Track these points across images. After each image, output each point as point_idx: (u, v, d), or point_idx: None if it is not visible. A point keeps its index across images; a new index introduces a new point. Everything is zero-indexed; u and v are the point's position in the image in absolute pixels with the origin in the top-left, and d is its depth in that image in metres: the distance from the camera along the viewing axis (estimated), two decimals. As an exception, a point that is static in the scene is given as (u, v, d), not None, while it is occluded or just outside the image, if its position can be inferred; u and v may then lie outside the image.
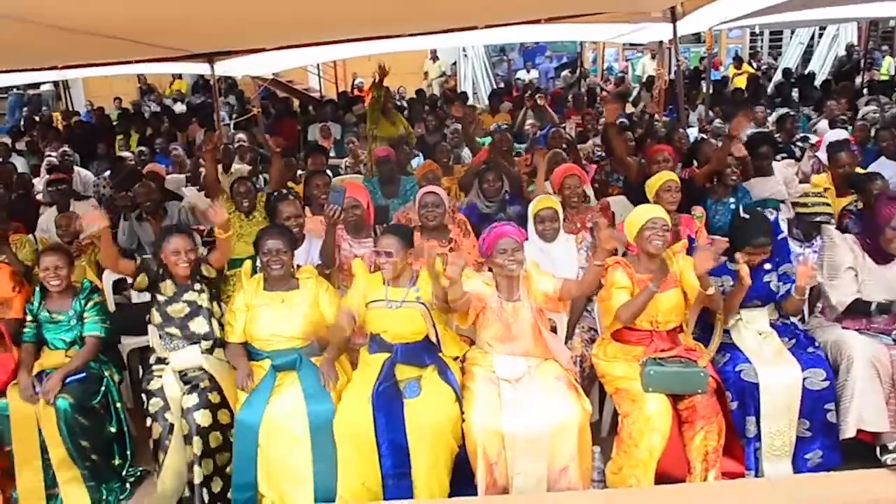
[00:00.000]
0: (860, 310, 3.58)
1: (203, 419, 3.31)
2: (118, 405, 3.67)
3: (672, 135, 6.44)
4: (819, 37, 15.00)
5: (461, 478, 3.23)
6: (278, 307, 3.53)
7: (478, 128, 8.30)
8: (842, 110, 8.53)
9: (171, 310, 3.61)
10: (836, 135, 6.44)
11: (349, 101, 11.69)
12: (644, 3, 6.12)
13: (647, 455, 3.22)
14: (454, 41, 10.45)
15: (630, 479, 3.27)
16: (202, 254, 3.83)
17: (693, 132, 7.78)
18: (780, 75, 13.69)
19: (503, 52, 17.86)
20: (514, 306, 3.41)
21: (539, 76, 16.51)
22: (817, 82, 12.24)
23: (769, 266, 3.62)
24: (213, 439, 3.34)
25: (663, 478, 3.23)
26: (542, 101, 8.65)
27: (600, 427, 3.80)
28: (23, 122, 12.62)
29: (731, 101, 10.03)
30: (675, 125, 7.05)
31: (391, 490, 3.17)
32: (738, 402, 3.39)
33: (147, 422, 3.42)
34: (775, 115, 8.31)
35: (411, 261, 3.56)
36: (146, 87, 15.62)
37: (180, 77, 15.76)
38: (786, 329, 3.63)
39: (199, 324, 3.62)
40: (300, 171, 6.68)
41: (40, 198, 6.76)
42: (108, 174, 7.35)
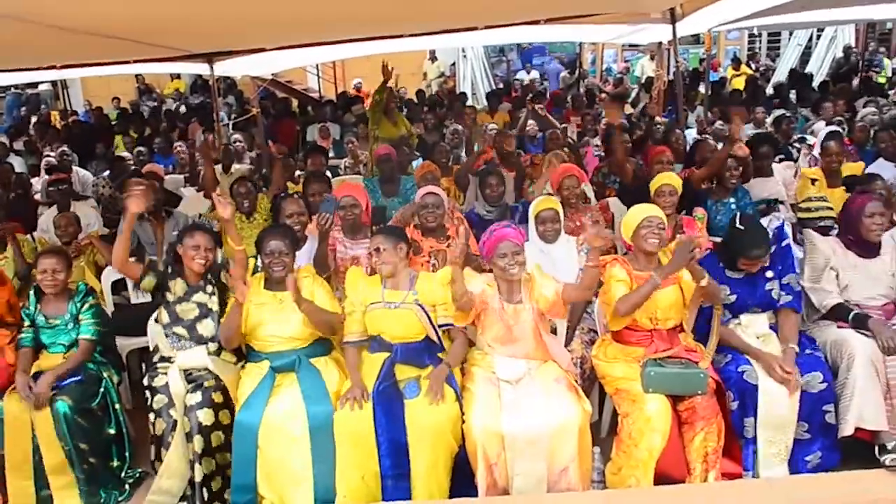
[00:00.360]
0: (841, 315, 3.59)
1: (205, 417, 3.31)
2: (117, 406, 3.66)
3: (669, 136, 6.46)
4: (817, 38, 15.03)
5: (461, 478, 3.23)
6: (277, 307, 3.52)
7: (476, 130, 8.31)
8: (839, 112, 8.56)
9: (181, 309, 3.60)
10: (822, 127, 6.53)
11: (348, 101, 11.69)
12: (644, 5, 6.13)
13: (646, 455, 3.22)
14: (453, 42, 10.45)
15: (629, 480, 3.27)
16: (222, 260, 3.79)
17: (692, 133, 7.81)
18: (784, 76, 13.69)
19: (502, 52, 17.87)
20: (516, 308, 3.41)
21: (547, 76, 16.44)
22: (815, 84, 12.25)
23: (771, 274, 3.61)
24: (214, 438, 3.34)
25: (663, 478, 3.23)
26: (542, 110, 8.64)
27: (600, 428, 3.80)
28: (20, 121, 12.62)
29: (730, 102, 10.05)
30: (671, 126, 7.07)
31: (390, 491, 3.17)
32: (738, 402, 3.39)
33: (150, 418, 3.41)
34: (772, 116, 8.32)
35: (408, 262, 3.57)
36: (144, 87, 15.60)
37: (179, 77, 15.74)
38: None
39: (208, 326, 3.60)
40: (299, 172, 6.68)
41: (38, 198, 6.76)
42: (106, 174, 7.33)
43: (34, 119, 12.94)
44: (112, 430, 3.62)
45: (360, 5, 4.56)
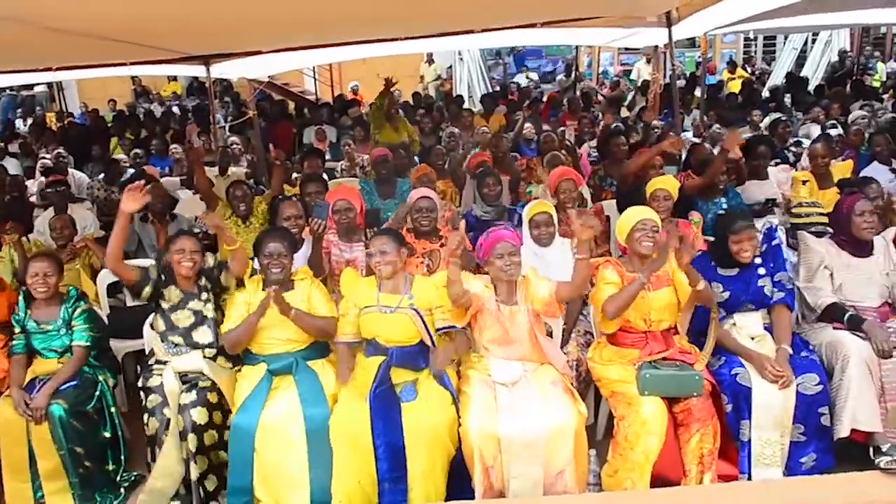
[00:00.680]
0: (836, 316, 3.60)
1: (199, 416, 3.31)
2: (112, 409, 3.65)
3: (663, 139, 6.47)
4: (812, 42, 15.09)
5: (458, 481, 3.23)
6: (274, 309, 3.51)
7: (470, 133, 8.32)
8: (834, 115, 8.59)
9: (176, 317, 3.59)
10: (816, 131, 6.58)
11: (345, 104, 11.68)
12: (640, 8, 6.13)
13: (642, 458, 3.23)
14: (450, 45, 10.43)
15: (626, 482, 3.28)
16: (217, 260, 3.77)
17: (688, 136, 7.83)
18: (780, 80, 13.72)
19: (499, 55, 17.89)
20: (512, 310, 3.42)
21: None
22: (811, 87, 12.30)
23: (763, 271, 3.64)
24: (208, 437, 3.34)
25: (659, 481, 3.24)
26: (530, 111, 8.64)
27: (596, 430, 3.80)
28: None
29: (726, 105, 10.08)
30: (665, 130, 7.09)
31: (387, 494, 3.16)
32: (732, 404, 3.40)
33: (144, 418, 3.40)
34: (767, 119, 8.35)
35: (405, 265, 3.56)
36: (141, 89, 15.56)
37: (175, 79, 15.72)
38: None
39: (204, 333, 3.59)
40: (295, 175, 6.67)
41: (34, 200, 6.74)
42: (101, 177, 7.29)
43: (30, 121, 12.91)
44: (107, 434, 3.61)
45: (357, 8, 4.56)
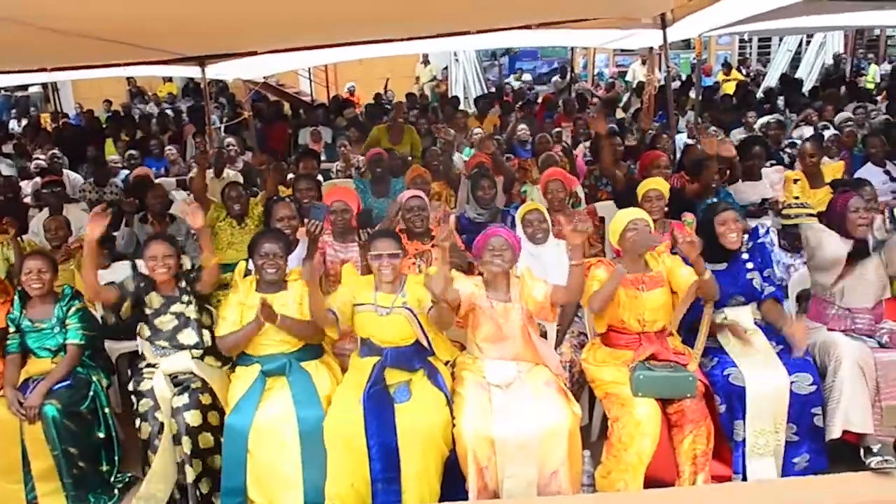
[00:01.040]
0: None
1: (193, 419, 3.31)
2: (106, 410, 3.64)
3: (656, 141, 6.50)
4: (807, 44, 15.13)
5: (452, 482, 3.24)
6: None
7: (466, 134, 8.32)
8: (828, 117, 8.61)
9: (159, 322, 3.59)
10: (810, 133, 6.63)
11: (340, 105, 11.67)
12: (634, 10, 6.15)
13: (636, 459, 3.24)
14: (445, 46, 10.44)
15: (619, 483, 3.29)
16: (194, 263, 3.76)
17: (683, 138, 7.85)
18: (775, 81, 13.77)
19: (494, 56, 17.92)
20: (505, 307, 3.44)
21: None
22: (805, 89, 12.33)
23: (751, 265, 3.67)
24: (202, 440, 3.34)
25: (652, 481, 3.25)
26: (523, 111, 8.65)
27: (590, 431, 3.81)
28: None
29: (721, 107, 10.11)
30: (658, 131, 7.11)
31: (380, 495, 3.17)
32: (726, 405, 3.41)
33: (136, 423, 3.40)
34: (761, 121, 8.38)
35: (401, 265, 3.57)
36: (136, 90, 15.52)
37: (171, 80, 15.69)
38: (772, 332, 3.65)
39: (188, 335, 3.59)
40: (290, 176, 6.65)
41: (28, 201, 6.71)
42: (91, 180, 7.16)
43: (24, 122, 12.87)
44: (101, 434, 3.60)
45: (353, 9, 4.56)
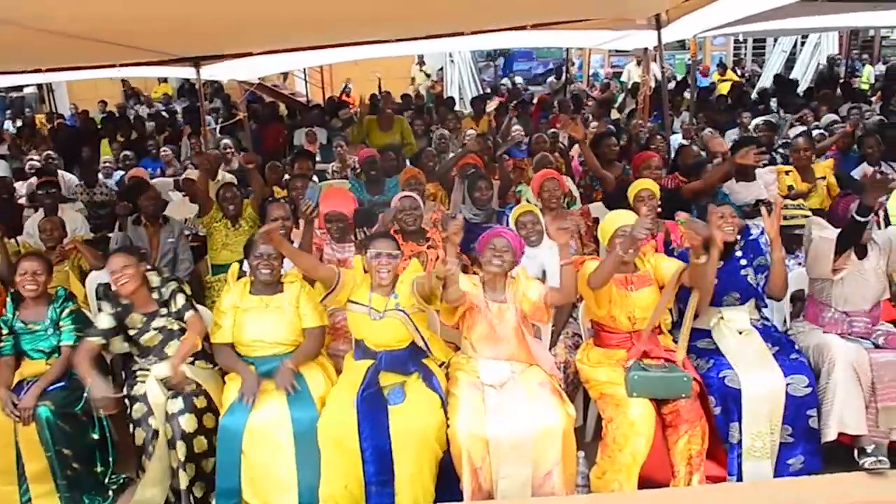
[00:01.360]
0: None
1: (188, 424, 3.30)
2: (101, 411, 3.62)
3: (651, 141, 6.51)
4: (801, 45, 15.19)
5: (446, 483, 3.23)
6: (263, 311, 3.52)
7: (460, 135, 8.32)
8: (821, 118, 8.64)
9: (144, 340, 3.55)
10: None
11: (336, 105, 11.66)
12: (629, 11, 6.16)
13: (630, 459, 3.24)
14: (441, 46, 10.44)
15: (613, 484, 3.29)
16: (167, 284, 3.65)
17: (677, 138, 7.86)
18: (770, 82, 13.81)
19: (490, 57, 17.93)
20: (500, 308, 3.44)
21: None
22: (800, 90, 12.37)
23: (745, 262, 3.70)
24: (197, 444, 3.33)
25: (647, 482, 3.25)
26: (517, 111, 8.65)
27: (584, 432, 3.82)
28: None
29: (716, 107, 10.13)
30: (653, 132, 7.12)
31: (374, 497, 3.16)
32: (721, 407, 3.42)
33: (130, 428, 3.39)
34: (755, 122, 8.40)
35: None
36: (130, 91, 15.48)
37: (166, 80, 15.66)
38: (768, 333, 3.67)
39: (175, 346, 3.54)
40: (286, 176, 6.64)
41: (23, 202, 6.69)
42: (82, 182, 7.11)
43: (19, 122, 12.84)
44: (96, 436, 3.59)
45: (348, 10, 4.56)
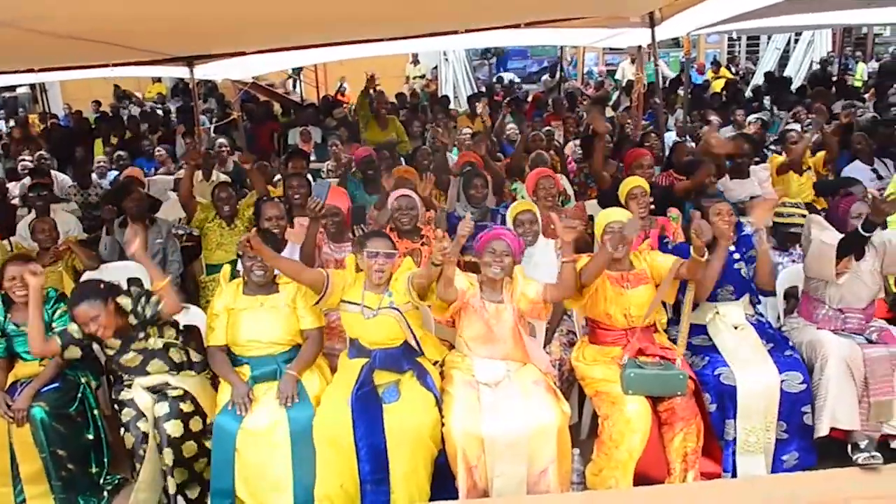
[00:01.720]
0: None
1: (173, 429, 3.27)
2: (95, 412, 3.61)
3: (645, 139, 6.52)
4: (795, 42, 15.22)
5: (441, 481, 3.24)
6: (258, 311, 3.51)
7: (453, 134, 8.32)
8: (819, 114, 8.65)
9: (125, 360, 3.48)
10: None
11: (330, 105, 11.64)
12: (623, 9, 6.18)
13: (626, 456, 3.25)
14: (435, 45, 10.44)
15: (610, 481, 3.30)
16: (137, 294, 3.54)
17: (671, 136, 7.88)
18: (759, 79, 13.84)
19: (484, 55, 17.92)
20: (497, 308, 3.44)
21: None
22: (793, 87, 12.40)
23: (738, 256, 3.73)
24: (186, 449, 3.31)
25: (643, 479, 3.26)
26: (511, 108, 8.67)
27: (579, 430, 3.82)
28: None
29: (710, 105, 10.15)
30: (647, 130, 7.14)
31: (369, 496, 3.17)
32: (717, 404, 3.43)
33: (121, 431, 3.37)
34: (752, 118, 8.43)
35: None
36: (122, 93, 15.41)
37: (160, 80, 15.61)
38: (762, 329, 3.69)
39: (157, 365, 3.49)
40: (278, 176, 6.64)
41: (16, 203, 6.66)
42: (76, 183, 7.08)
43: (11, 122, 12.77)
44: (90, 436, 3.58)
45: (342, 9, 4.56)
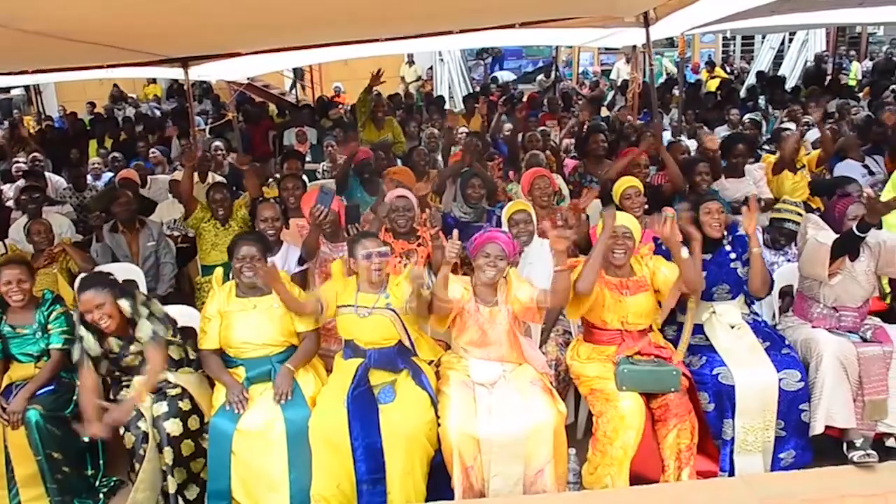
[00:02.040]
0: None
1: (173, 428, 3.27)
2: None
3: (641, 138, 6.52)
4: (789, 42, 15.27)
5: (437, 481, 3.24)
6: (251, 313, 3.50)
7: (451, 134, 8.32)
8: (813, 113, 8.66)
9: (126, 362, 3.49)
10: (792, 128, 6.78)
11: (325, 105, 11.64)
12: (617, 9, 6.18)
13: (621, 453, 3.25)
14: (430, 45, 10.45)
15: (605, 478, 3.30)
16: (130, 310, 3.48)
17: (667, 136, 7.89)
18: (753, 79, 13.88)
19: (480, 56, 17.94)
20: (492, 311, 3.43)
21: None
22: (788, 86, 12.43)
23: (734, 255, 3.73)
24: (185, 447, 3.31)
25: (637, 478, 3.26)
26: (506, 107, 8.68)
27: (575, 429, 3.82)
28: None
29: (704, 104, 10.17)
30: (642, 129, 7.14)
31: (366, 495, 3.16)
32: (714, 404, 3.43)
33: (120, 431, 3.35)
34: (743, 119, 8.45)
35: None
36: (117, 94, 15.38)
37: (154, 81, 15.59)
38: (758, 328, 3.69)
39: None
40: (273, 176, 6.64)
41: (10, 204, 6.65)
42: (71, 186, 7.08)
43: (6, 124, 12.73)
44: (86, 439, 3.51)
45: (336, 9, 4.56)
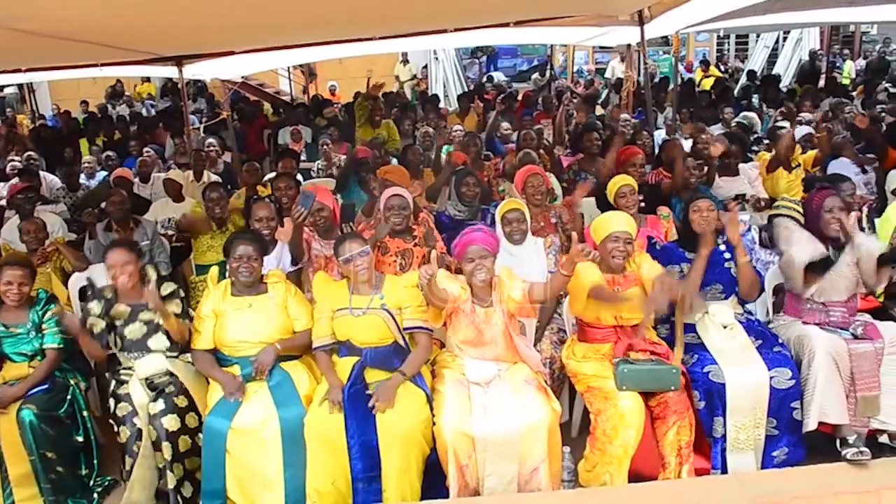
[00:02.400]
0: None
1: (170, 424, 3.28)
2: (85, 414, 3.60)
3: (636, 137, 6.54)
4: (783, 41, 15.31)
5: (433, 480, 3.24)
6: (246, 312, 3.50)
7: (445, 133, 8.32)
8: (808, 111, 8.70)
9: (129, 331, 3.51)
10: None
11: (320, 104, 11.62)
12: (612, 7, 6.20)
13: (621, 452, 3.25)
14: (424, 44, 10.44)
15: (604, 477, 3.30)
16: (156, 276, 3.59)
17: (661, 134, 7.91)
18: (745, 78, 13.91)
19: (474, 54, 17.94)
20: (487, 312, 3.43)
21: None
22: (782, 85, 12.47)
23: (728, 255, 3.73)
24: (182, 443, 3.31)
25: (636, 475, 3.27)
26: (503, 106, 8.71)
27: (570, 428, 3.83)
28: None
29: (699, 103, 10.18)
30: (638, 128, 7.16)
31: (361, 494, 3.17)
32: (705, 402, 3.44)
33: (115, 426, 3.36)
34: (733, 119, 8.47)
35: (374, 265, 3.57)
36: (119, 89, 15.35)
37: (149, 80, 15.55)
38: (751, 326, 3.70)
39: (159, 340, 3.53)
40: (269, 175, 6.62)
41: (3, 203, 6.63)
42: (65, 185, 7.05)
43: (1, 123, 12.69)
44: (80, 438, 3.57)
45: (330, 8, 4.56)
